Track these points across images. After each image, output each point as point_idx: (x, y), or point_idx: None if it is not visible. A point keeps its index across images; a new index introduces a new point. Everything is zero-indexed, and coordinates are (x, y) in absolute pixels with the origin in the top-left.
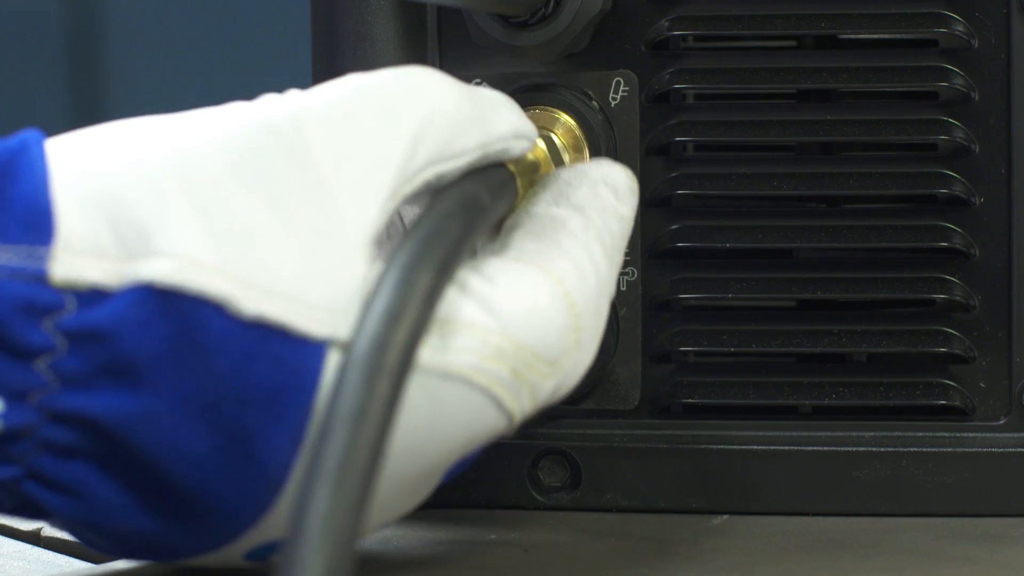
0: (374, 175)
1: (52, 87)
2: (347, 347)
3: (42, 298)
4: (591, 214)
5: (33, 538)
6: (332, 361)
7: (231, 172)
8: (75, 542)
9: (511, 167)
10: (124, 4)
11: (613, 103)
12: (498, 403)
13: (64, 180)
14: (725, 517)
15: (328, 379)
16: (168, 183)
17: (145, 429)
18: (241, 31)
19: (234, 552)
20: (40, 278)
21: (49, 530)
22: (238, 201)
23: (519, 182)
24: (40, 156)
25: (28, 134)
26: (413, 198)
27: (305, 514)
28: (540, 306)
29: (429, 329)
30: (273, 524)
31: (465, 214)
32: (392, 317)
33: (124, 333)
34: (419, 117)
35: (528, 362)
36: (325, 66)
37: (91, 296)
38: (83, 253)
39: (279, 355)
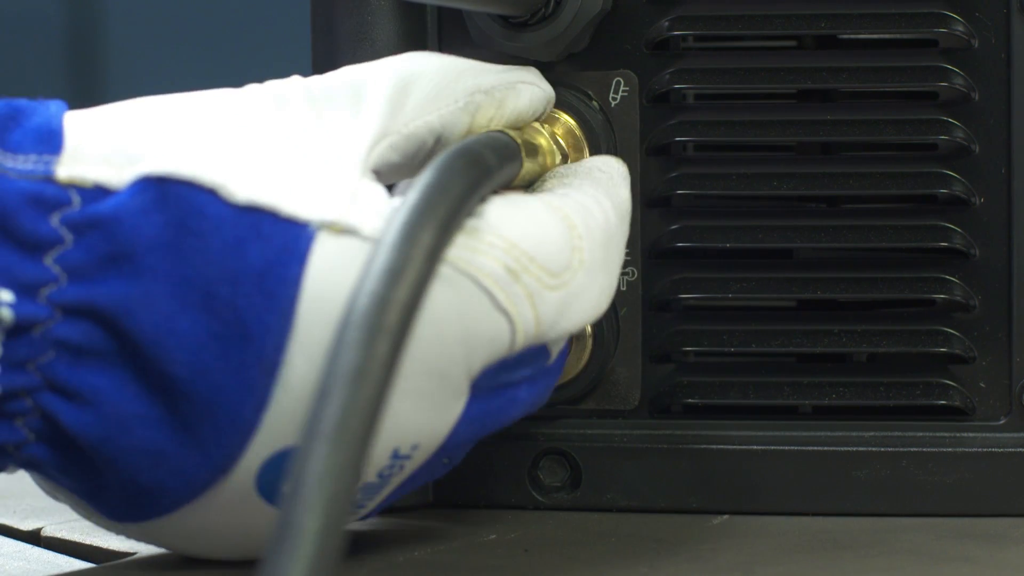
0: (364, 116)
1: (52, 87)
2: (336, 228)
3: (49, 193)
4: (597, 178)
5: (33, 538)
6: (322, 241)
7: (230, 115)
8: (75, 542)
9: (516, 139)
10: (124, 4)
11: (613, 103)
12: (491, 297)
13: (77, 121)
14: (725, 517)
15: (317, 258)
16: (173, 120)
17: (145, 315)
18: (241, 31)
19: (246, 477)
20: (48, 177)
21: (49, 530)
22: (235, 132)
23: (524, 155)
24: (58, 103)
25: (49, 100)
26: (411, 156)
27: (302, 473)
28: (536, 216)
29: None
30: (277, 426)
31: (470, 171)
32: (392, 275)
33: (123, 220)
34: (409, 67)
35: (523, 263)
36: (325, 66)
37: (95, 192)
38: (89, 161)
39: (268, 235)
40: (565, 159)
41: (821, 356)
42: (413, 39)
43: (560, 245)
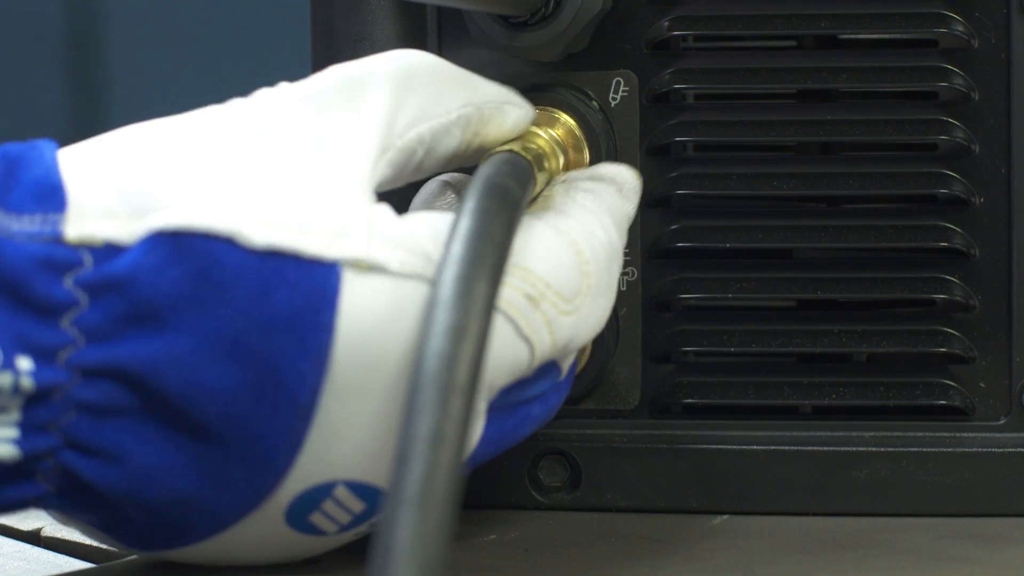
0: (364, 128)
1: (52, 87)
2: (362, 267)
3: (60, 255)
4: (601, 193)
5: (33, 538)
6: (349, 280)
7: (230, 141)
8: (75, 542)
9: (526, 155)
10: (124, 4)
11: (613, 103)
12: (515, 326)
13: (72, 165)
14: (725, 517)
15: (347, 301)
16: (171, 155)
17: (173, 371)
18: (241, 32)
19: (276, 511)
20: (57, 239)
21: (49, 530)
22: (238, 161)
23: (535, 171)
24: (51, 148)
25: (39, 141)
26: (402, 167)
27: (391, 541)
28: (547, 243)
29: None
30: (309, 465)
31: (505, 211)
32: (457, 333)
33: (140, 278)
34: (404, 71)
35: (541, 290)
36: (325, 66)
37: (106, 251)
38: (95, 216)
39: (294, 280)
40: (566, 155)
41: (821, 356)
42: (413, 39)
43: (571, 271)
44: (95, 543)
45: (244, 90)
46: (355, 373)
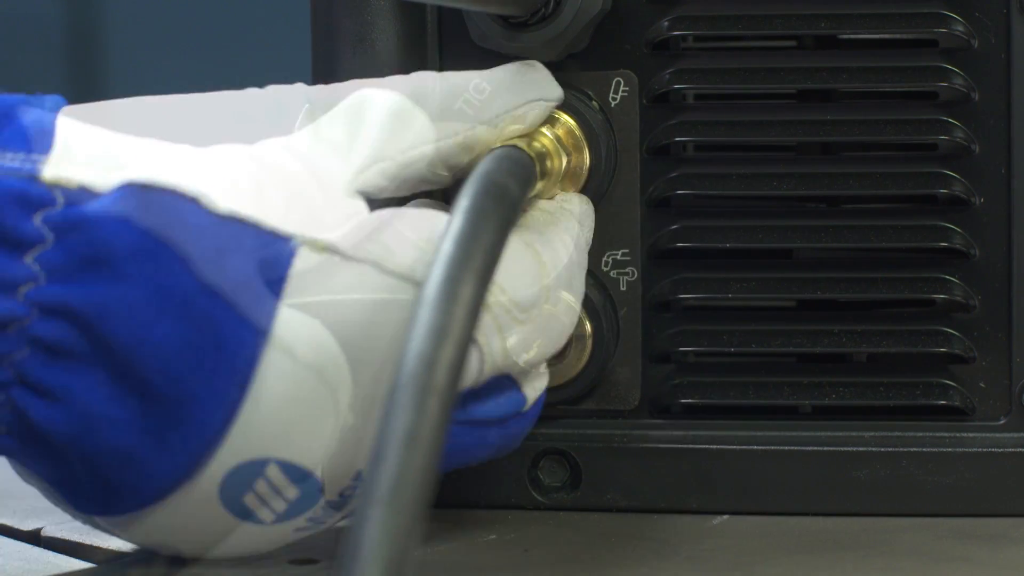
0: (359, 140)
1: (52, 87)
2: (317, 246)
3: (34, 192)
4: (562, 216)
5: (33, 538)
6: (302, 256)
7: (224, 124)
8: (75, 542)
9: (530, 152)
10: (124, 4)
11: (613, 103)
12: None
13: (71, 118)
14: (725, 517)
15: (297, 275)
16: (163, 128)
17: (121, 321)
18: (241, 32)
19: (210, 485)
20: (34, 176)
21: (49, 530)
22: (226, 143)
23: (536, 169)
24: (56, 102)
25: (48, 95)
26: (403, 181)
27: (360, 537)
28: (508, 248)
29: None
30: (243, 436)
31: (499, 210)
32: (438, 334)
33: (103, 224)
34: (413, 91)
35: (494, 294)
36: (325, 66)
37: (79, 194)
38: (76, 163)
39: (249, 248)
40: (569, 159)
41: (821, 356)
42: (413, 40)
43: (530, 281)
44: (95, 543)
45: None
46: (296, 348)
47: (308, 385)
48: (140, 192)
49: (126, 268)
